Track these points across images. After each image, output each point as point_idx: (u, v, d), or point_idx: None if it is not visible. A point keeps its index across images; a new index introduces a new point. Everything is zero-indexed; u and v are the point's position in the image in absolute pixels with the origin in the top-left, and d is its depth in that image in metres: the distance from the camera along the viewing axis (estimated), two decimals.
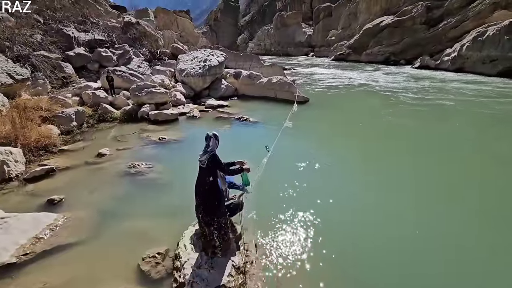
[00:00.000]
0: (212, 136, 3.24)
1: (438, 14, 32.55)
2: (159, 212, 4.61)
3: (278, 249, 3.79)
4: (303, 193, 5.23)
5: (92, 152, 7.11)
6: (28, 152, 6.61)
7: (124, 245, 3.86)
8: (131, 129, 9.29)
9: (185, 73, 14.55)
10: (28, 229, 3.96)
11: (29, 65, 10.99)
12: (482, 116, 11.11)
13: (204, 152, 3.23)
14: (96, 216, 4.51)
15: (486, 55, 22.35)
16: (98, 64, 15.39)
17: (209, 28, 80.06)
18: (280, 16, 72.41)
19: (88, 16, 18.77)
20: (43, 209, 4.68)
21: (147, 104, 10.80)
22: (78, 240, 3.95)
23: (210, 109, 12.28)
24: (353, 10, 48.04)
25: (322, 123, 10.67)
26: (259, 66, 19.44)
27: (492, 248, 3.89)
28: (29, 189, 5.40)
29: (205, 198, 3.21)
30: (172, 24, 35.72)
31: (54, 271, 3.40)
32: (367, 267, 3.53)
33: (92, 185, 5.53)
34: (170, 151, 7.41)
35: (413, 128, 9.70)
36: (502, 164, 6.65)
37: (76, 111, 8.97)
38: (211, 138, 3.22)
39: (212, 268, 3.23)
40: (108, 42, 17.44)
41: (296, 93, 13.37)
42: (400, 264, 3.61)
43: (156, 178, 5.81)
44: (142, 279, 3.31)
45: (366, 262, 3.61)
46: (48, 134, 7.34)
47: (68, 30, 15.40)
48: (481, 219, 4.62)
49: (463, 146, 7.85)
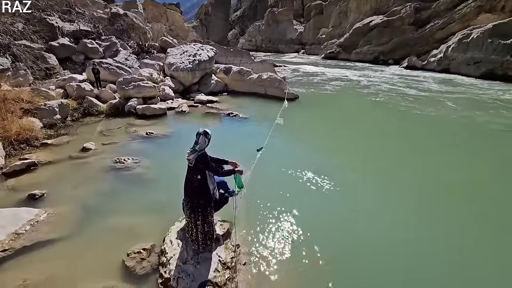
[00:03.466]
0: (202, 133, 3.05)
1: (425, 15, 33.21)
2: (145, 208, 4.54)
3: (266, 245, 3.81)
4: (295, 191, 5.22)
5: (77, 146, 6.92)
6: (8, 145, 6.37)
7: (108, 241, 3.79)
8: (118, 123, 9.09)
9: (174, 67, 14.31)
10: (7, 225, 3.83)
11: (9, 55, 10.55)
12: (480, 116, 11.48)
13: (192, 150, 3.09)
14: (80, 211, 4.41)
15: (471, 57, 23.00)
16: (84, 56, 14.93)
17: (199, 22, 78.78)
18: (272, 12, 72.06)
19: (73, 6, 18.11)
20: (24, 204, 4.53)
21: (134, 98, 10.57)
22: (60, 236, 3.85)
23: (199, 104, 12.15)
24: (344, 8, 48.36)
25: (312, 120, 10.75)
26: (250, 62, 19.33)
27: (494, 249, 3.95)
28: (9, 184, 5.21)
29: (192, 196, 3.16)
30: (161, 17, 35.00)
31: (34, 267, 3.31)
32: (359, 266, 3.56)
33: (76, 180, 5.39)
34: (157, 146, 7.30)
35: (404, 126, 9.92)
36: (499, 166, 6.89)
37: (60, 104, 8.68)
38: (200, 135, 3.05)
39: (198, 263, 3.22)
40: (94, 33, 16.93)
41: (286, 90, 13.40)
42: (392, 266, 3.59)
43: (143, 173, 5.72)
44: (127, 275, 3.27)
45: (359, 262, 3.62)
46: (30, 127, 7.08)
47: (52, 20, 14.82)
48: (481, 220, 4.66)
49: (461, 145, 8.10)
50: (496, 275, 3.51)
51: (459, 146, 8.18)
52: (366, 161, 6.98)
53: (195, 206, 3.18)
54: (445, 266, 3.57)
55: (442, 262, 3.62)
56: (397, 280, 3.37)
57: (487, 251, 3.89)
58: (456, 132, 9.49)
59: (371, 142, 8.32)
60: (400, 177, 6.14)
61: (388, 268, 3.53)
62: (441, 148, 7.91)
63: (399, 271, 3.49)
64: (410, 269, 3.53)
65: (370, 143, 8.23)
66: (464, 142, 8.51)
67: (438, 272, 3.47)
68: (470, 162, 7.08)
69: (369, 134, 8.99)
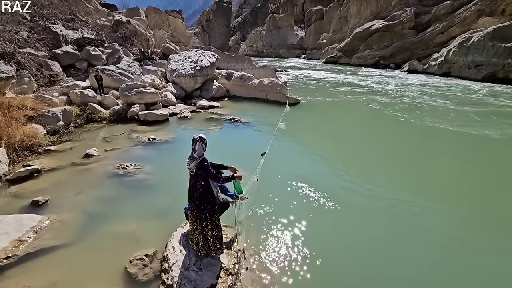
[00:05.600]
0: (198, 139, 3.04)
1: (426, 19, 33.31)
2: (148, 214, 4.55)
3: (269, 252, 3.79)
4: (296, 197, 5.19)
5: (80, 152, 6.97)
6: (12, 152, 6.43)
7: (111, 247, 3.80)
8: (120, 129, 9.15)
9: (176, 73, 14.44)
10: (10, 232, 3.85)
11: (14, 62, 10.70)
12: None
13: (191, 158, 3.07)
14: (83, 218, 4.42)
15: (471, 61, 22.99)
16: (87, 63, 15.11)
17: (201, 29, 79.58)
18: (273, 18, 72.69)
19: (77, 14, 18.38)
20: (27, 210, 4.56)
21: (136, 104, 10.66)
22: (63, 242, 3.86)
23: (201, 109, 12.21)
24: (344, 13, 48.68)
25: (314, 124, 10.75)
26: (251, 67, 19.45)
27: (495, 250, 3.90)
28: (12, 190, 5.24)
29: (198, 203, 3.15)
30: (163, 24, 35.37)
31: (37, 274, 3.32)
32: (362, 274, 3.54)
33: (79, 186, 5.41)
34: (159, 152, 7.33)
35: (406, 128, 9.88)
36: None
37: (63, 111, 8.77)
38: (197, 142, 3.03)
39: (200, 269, 3.20)
40: (97, 41, 17.15)
41: (288, 94, 13.45)
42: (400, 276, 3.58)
43: (145, 179, 5.74)
44: (129, 282, 3.26)
45: (362, 270, 3.59)
46: (34, 133, 7.15)
47: (56, 28, 15.04)
48: (483, 220, 4.61)
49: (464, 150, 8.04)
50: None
51: (479, 161, 7.18)
52: (369, 167, 6.90)
53: (202, 213, 3.16)
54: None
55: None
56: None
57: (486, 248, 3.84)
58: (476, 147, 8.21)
59: (372, 148, 8.27)
60: (405, 185, 6.05)
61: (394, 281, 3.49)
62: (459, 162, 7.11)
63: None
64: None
65: (372, 149, 8.18)
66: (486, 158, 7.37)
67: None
68: (496, 181, 6.06)
69: (370, 140, 8.95)
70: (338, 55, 43.21)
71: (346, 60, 41.51)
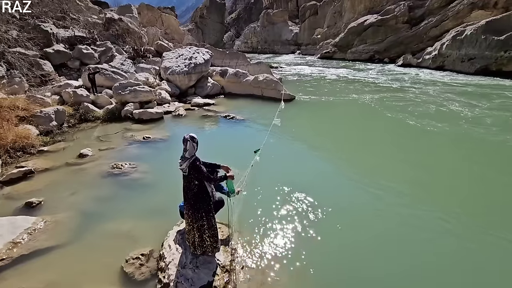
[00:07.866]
0: (189, 139, 2.99)
1: (419, 13, 33.39)
2: (143, 213, 4.53)
3: (264, 248, 3.80)
4: (292, 194, 5.17)
5: (73, 152, 6.90)
6: (4, 153, 6.35)
7: (106, 247, 3.78)
8: (115, 128, 9.07)
9: (170, 71, 14.32)
10: (4, 234, 3.81)
11: (4, 62, 10.53)
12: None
13: (183, 159, 3.04)
14: (77, 218, 4.39)
15: (465, 54, 23.13)
16: (79, 62, 14.92)
17: (194, 26, 78.74)
18: (267, 14, 72.28)
19: (68, 12, 18.13)
20: (21, 212, 4.51)
21: (131, 102, 10.56)
22: (58, 243, 3.84)
23: (196, 107, 12.14)
24: (338, 8, 48.57)
25: (308, 120, 10.77)
26: (246, 64, 19.38)
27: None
28: (5, 192, 5.18)
29: (193, 202, 3.14)
30: (156, 21, 34.95)
31: (32, 276, 3.30)
32: (357, 271, 3.55)
33: (73, 186, 5.37)
34: (154, 151, 7.29)
35: (402, 124, 9.94)
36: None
37: (56, 111, 8.65)
38: (188, 142, 2.98)
39: (197, 267, 3.21)
40: (89, 39, 16.94)
41: (283, 91, 13.43)
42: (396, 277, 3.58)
43: (140, 178, 5.71)
44: (126, 281, 3.26)
45: (357, 268, 3.59)
46: (26, 134, 7.05)
47: (46, 26, 14.81)
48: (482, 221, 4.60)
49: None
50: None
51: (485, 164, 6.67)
52: (364, 164, 6.91)
53: (198, 212, 3.16)
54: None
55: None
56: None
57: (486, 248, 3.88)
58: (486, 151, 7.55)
59: (368, 145, 8.29)
60: (398, 185, 6.05)
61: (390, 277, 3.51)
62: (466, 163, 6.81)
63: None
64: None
65: (367, 146, 8.19)
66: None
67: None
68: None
69: (365, 137, 8.97)
70: (332, 50, 43.19)
71: (341, 55, 41.52)
